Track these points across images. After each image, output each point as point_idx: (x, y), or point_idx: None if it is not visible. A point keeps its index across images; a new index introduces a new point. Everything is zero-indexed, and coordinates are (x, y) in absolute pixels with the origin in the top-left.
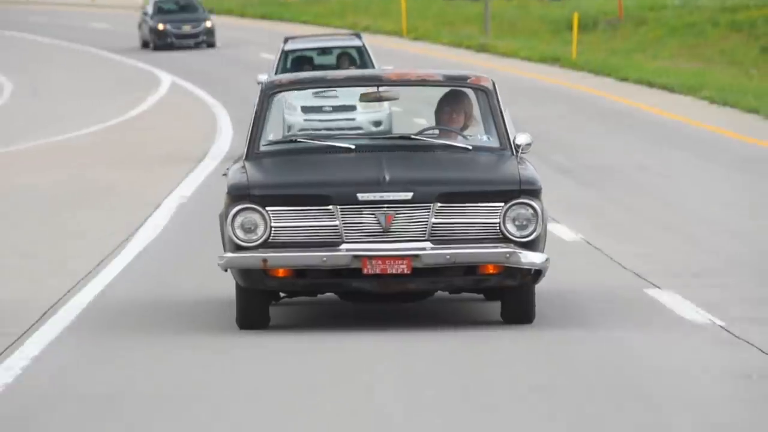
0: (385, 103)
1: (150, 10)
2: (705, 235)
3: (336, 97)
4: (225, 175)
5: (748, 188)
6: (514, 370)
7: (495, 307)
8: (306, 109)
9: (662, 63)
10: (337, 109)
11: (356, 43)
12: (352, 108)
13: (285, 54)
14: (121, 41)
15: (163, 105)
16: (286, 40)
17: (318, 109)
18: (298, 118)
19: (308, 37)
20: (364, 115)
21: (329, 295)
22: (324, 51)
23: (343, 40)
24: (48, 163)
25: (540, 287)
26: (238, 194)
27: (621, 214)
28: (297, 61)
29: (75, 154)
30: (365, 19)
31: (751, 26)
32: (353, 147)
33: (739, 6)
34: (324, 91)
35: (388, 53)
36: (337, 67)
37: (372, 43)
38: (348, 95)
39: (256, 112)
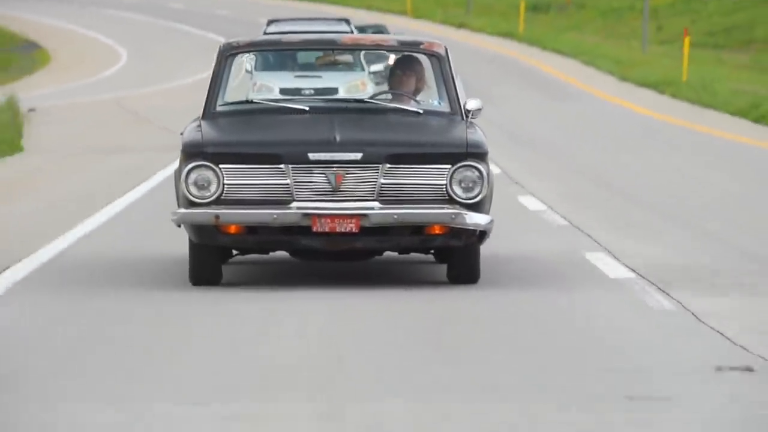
0: (369, 87)
1: None
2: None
3: (319, 77)
4: (182, 134)
5: (563, 112)
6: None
7: (442, 268)
8: (285, 92)
9: (583, 38)
10: (319, 92)
11: (344, 28)
12: (335, 91)
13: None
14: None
15: None
16: (269, 23)
17: (297, 92)
18: None
19: (293, 20)
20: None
21: (280, 253)
22: None
23: (330, 24)
24: (169, 97)
25: None
26: (192, 152)
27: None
28: None
29: (183, 92)
30: (379, 1)
31: (655, 11)
32: (307, 108)
33: None
34: (306, 73)
35: (392, 27)
36: (316, 60)
37: (382, 20)
38: (332, 77)
39: (213, 73)
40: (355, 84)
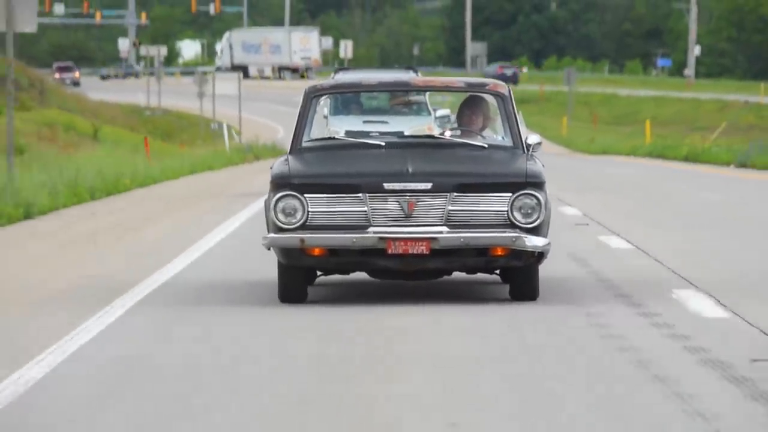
0: (435, 132)
1: None
2: None
3: (386, 123)
4: (271, 168)
5: None
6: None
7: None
8: (351, 135)
9: (542, 118)
10: (385, 136)
11: (411, 76)
12: (401, 135)
13: None
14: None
15: None
16: (336, 71)
17: (365, 136)
18: None
19: (361, 70)
20: None
21: (360, 275)
22: None
23: (397, 74)
24: None
25: None
26: (281, 183)
27: None
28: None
29: None
30: None
31: (590, 102)
32: (383, 144)
33: (590, 93)
34: (373, 118)
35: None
36: (390, 100)
37: None
38: (398, 122)
39: (299, 113)
40: (422, 129)
